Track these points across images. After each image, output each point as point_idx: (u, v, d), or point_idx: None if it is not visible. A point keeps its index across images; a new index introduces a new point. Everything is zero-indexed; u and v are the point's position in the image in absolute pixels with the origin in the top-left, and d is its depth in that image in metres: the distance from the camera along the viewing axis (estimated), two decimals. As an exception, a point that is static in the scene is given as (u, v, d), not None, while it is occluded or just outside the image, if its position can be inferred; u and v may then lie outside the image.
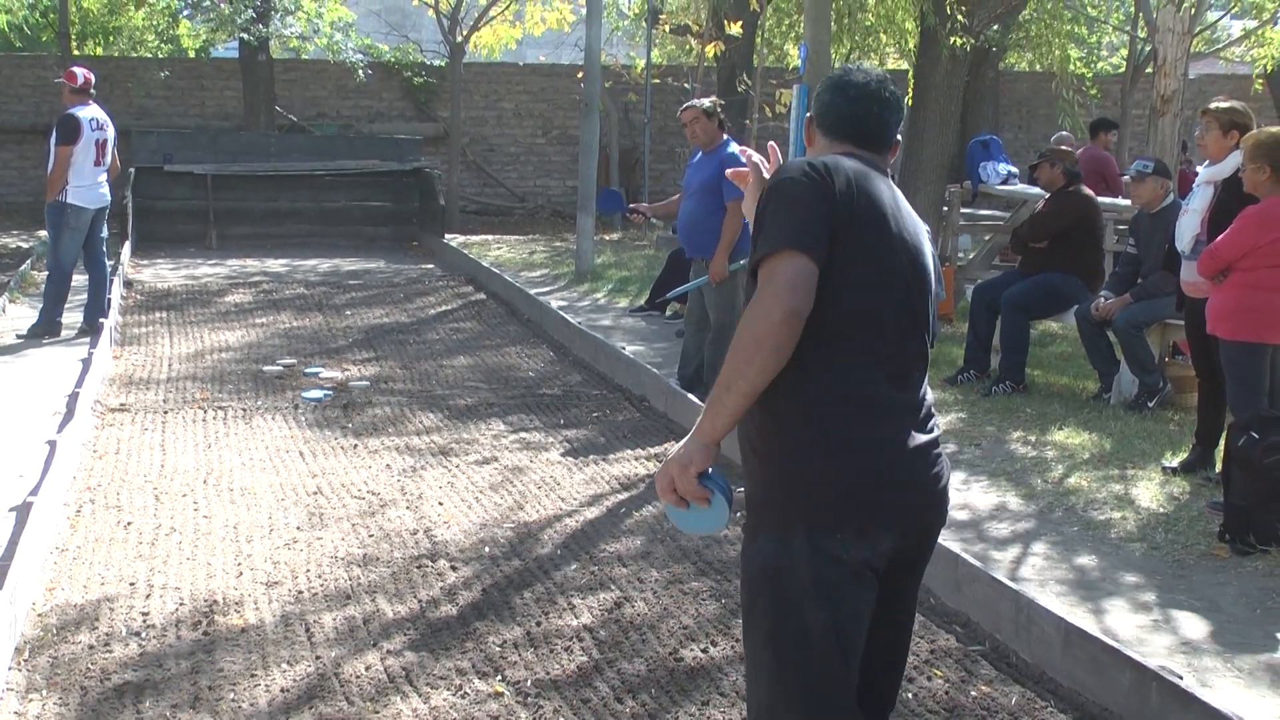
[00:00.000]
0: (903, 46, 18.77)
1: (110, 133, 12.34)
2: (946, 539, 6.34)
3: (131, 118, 23.09)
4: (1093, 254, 10.26)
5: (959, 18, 14.43)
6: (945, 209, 14.48)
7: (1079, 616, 5.50)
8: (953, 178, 16.19)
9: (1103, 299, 9.48)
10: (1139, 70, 20.16)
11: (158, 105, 24.13)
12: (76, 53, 24.80)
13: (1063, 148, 10.78)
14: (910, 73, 17.70)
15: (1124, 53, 27.07)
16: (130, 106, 23.68)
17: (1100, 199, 11.03)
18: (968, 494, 7.56)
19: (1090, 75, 24.05)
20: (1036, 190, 12.68)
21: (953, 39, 14.56)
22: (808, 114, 3.62)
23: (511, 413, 9.49)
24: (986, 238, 14.35)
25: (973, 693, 5.00)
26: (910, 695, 4.96)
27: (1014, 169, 15.80)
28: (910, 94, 16.47)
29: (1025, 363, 10.03)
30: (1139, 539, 6.80)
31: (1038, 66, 23.59)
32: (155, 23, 28.35)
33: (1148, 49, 20.58)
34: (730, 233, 9.37)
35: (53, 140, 12.08)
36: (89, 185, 12.04)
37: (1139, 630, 5.69)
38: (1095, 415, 9.16)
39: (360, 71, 23.21)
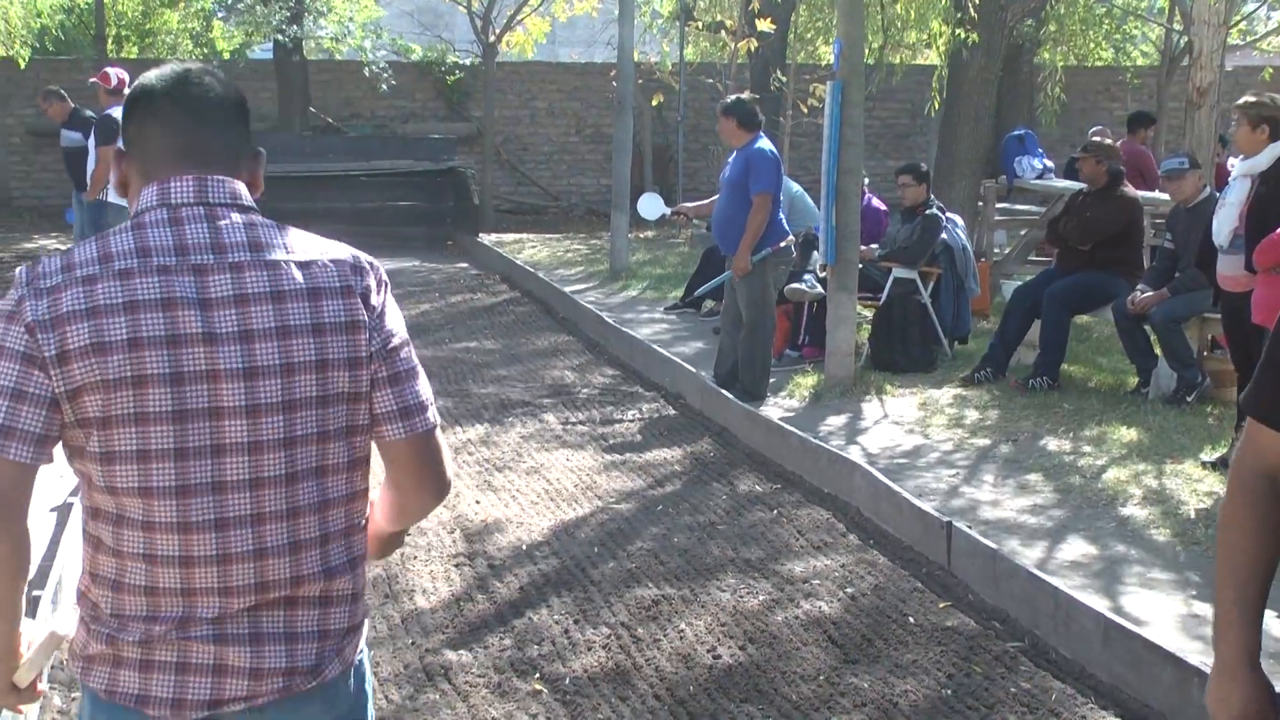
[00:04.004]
0: (935, 41, 18.71)
1: None
2: (984, 534, 6.32)
3: (166, 120, 23.15)
4: (1133, 252, 10.16)
5: (970, 11, 14.39)
6: (980, 204, 14.43)
7: (1117, 612, 5.47)
8: (988, 172, 16.13)
9: (1139, 293, 9.41)
10: (1174, 63, 20.03)
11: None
12: (113, 55, 24.92)
13: (1110, 143, 10.64)
14: (938, 69, 17.66)
15: (1147, 47, 26.90)
16: (165, 109, 23.73)
17: (1138, 193, 10.95)
18: (1004, 490, 7.53)
19: (1135, 66, 24.00)
20: (1072, 184, 12.60)
21: (971, 35, 14.52)
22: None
23: (547, 411, 9.50)
24: (1022, 232, 14.29)
25: (1012, 689, 4.98)
26: (949, 692, 4.95)
27: (1049, 164, 15.73)
28: (944, 89, 16.41)
29: (1062, 360, 9.96)
30: (1178, 534, 6.76)
31: (1072, 60, 23.47)
32: (189, 25, 28.47)
33: (1183, 41, 20.45)
34: (754, 226, 9.37)
35: (91, 141, 12.17)
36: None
37: (1178, 626, 5.65)
38: (1133, 410, 9.10)
39: (383, 84, 23.17)
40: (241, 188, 2.50)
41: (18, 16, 23.31)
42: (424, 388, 2.54)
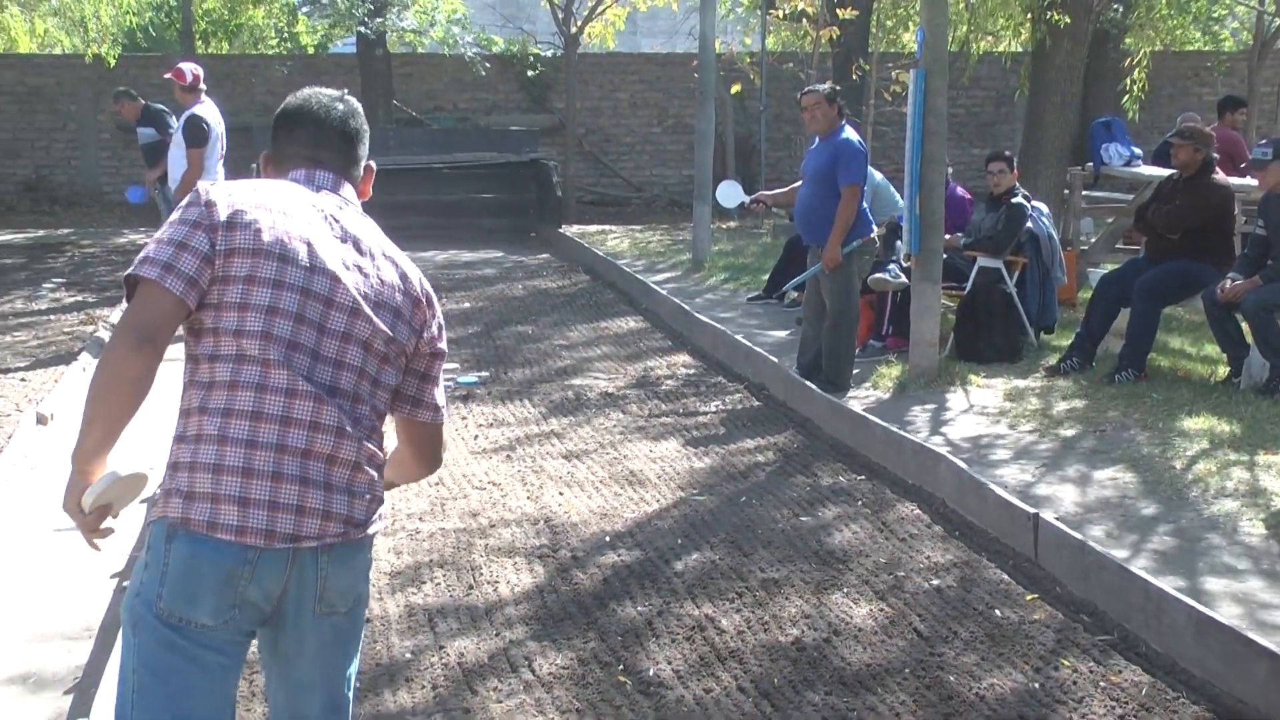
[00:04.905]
0: (1017, 28, 18.50)
1: (223, 126, 12.59)
2: (1072, 526, 6.24)
3: (254, 114, 23.44)
4: (1224, 240, 9.97)
5: None
6: (1067, 192, 14.26)
7: (1209, 606, 5.37)
8: (1074, 160, 15.95)
9: (1230, 281, 9.26)
10: (1266, 47, 19.69)
11: (279, 101, 24.12)
12: (200, 51, 25.23)
13: (1206, 130, 10.43)
14: (1025, 56, 17.48)
15: (1236, 25, 26.44)
16: (252, 103, 24.07)
17: (1229, 180, 10.75)
18: (1091, 481, 7.44)
19: (1224, 53, 23.66)
20: (1160, 171, 12.41)
21: (1063, 19, 14.36)
22: None
23: (630, 402, 9.50)
24: (1109, 220, 14.10)
25: (1101, 683, 4.92)
26: (1038, 685, 4.89)
27: (1137, 150, 15.50)
28: (1029, 76, 16.24)
29: (1149, 351, 9.81)
30: (1271, 527, 6.63)
31: (1159, 45, 23.12)
32: (275, 20, 28.76)
33: (1275, 24, 20.08)
34: (844, 219, 9.30)
35: (179, 139, 12.33)
36: (213, 180, 12.30)
37: (1271, 621, 5.55)
38: (1224, 400, 8.95)
39: (479, 67, 23.35)
40: (356, 197, 3.32)
41: (108, 15, 23.67)
42: (443, 393, 3.37)
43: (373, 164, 3.40)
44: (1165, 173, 11.36)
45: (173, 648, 2.95)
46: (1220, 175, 10.13)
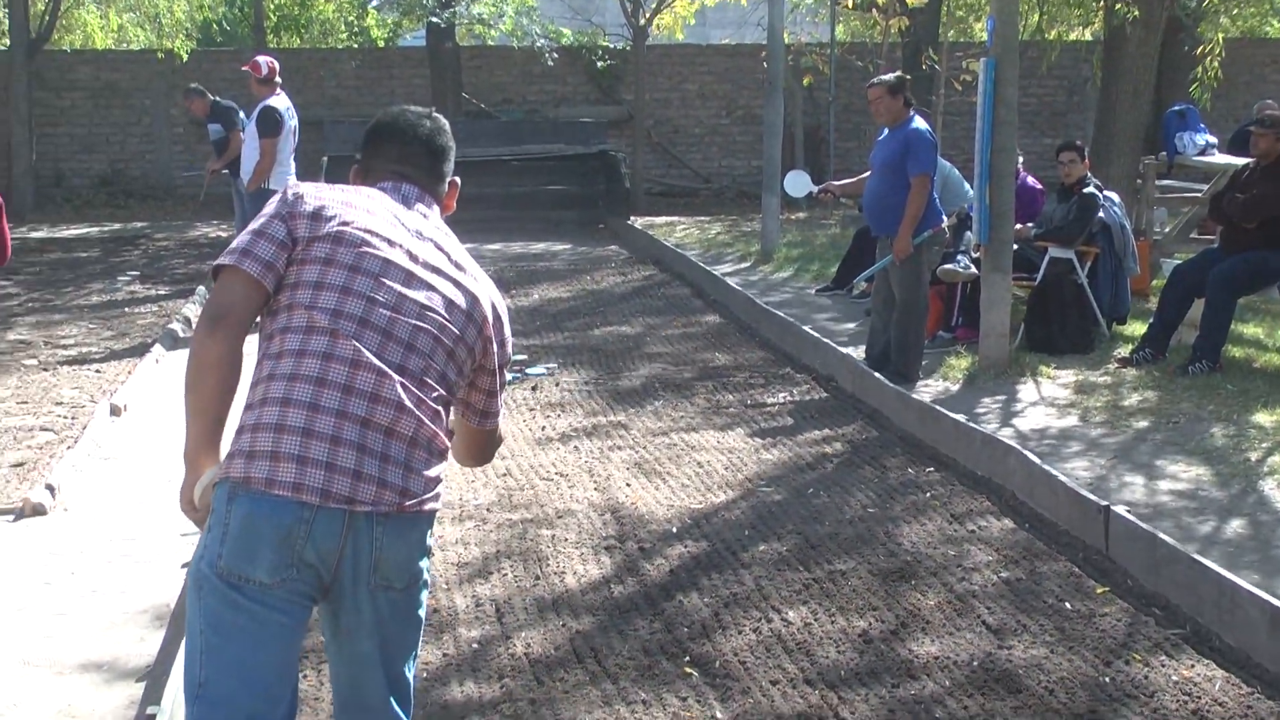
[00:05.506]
0: (1089, 16, 18.30)
1: (296, 119, 12.72)
2: (1143, 518, 6.17)
3: (324, 108, 23.61)
4: (1302, 230, 9.79)
5: None
6: (1140, 181, 14.10)
7: (1285, 600, 5.29)
8: (1147, 149, 15.75)
9: (1309, 271, 9.11)
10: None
11: (349, 95, 24.61)
12: (272, 45, 25.41)
13: None
14: (1098, 45, 17.29)
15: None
16: (323, 97, 24.22)
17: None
18: (1163, 473, 7.35)
19: None
20: (1235, 160, 12.23)
21: (1131, 10, 14.19)
22: None
23: (698, 394, 9.49)
24: (1184, 210, 13.92)
25: (1174, 677, 4.86)
26: (1108, 679, 4.84)
27: (1212, 139, 15.30)
28: (1101, 65, 16.07)
29: (1224, 343, 9.66)
30: (1349, 520, 6.54)
31: (1234, 32, 22.80)
32: (344, 14, 28.96)
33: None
34: (914, 209, 9.25)
35: (252, 130, 12.45)
36: (286, 172, 12.42)
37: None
38: (1301, 392, 8.83)
39: (547, 57, 23.40)
40: (439, 210, 3.47)
41: (181, 11, 23.92)
42: (501, 402, 3.54)
43: (457, 180, 3.55)
44: (1240, 161, 11.20)
45: (235, 606, 3.04)
46: (1298, 164, 9.95)
